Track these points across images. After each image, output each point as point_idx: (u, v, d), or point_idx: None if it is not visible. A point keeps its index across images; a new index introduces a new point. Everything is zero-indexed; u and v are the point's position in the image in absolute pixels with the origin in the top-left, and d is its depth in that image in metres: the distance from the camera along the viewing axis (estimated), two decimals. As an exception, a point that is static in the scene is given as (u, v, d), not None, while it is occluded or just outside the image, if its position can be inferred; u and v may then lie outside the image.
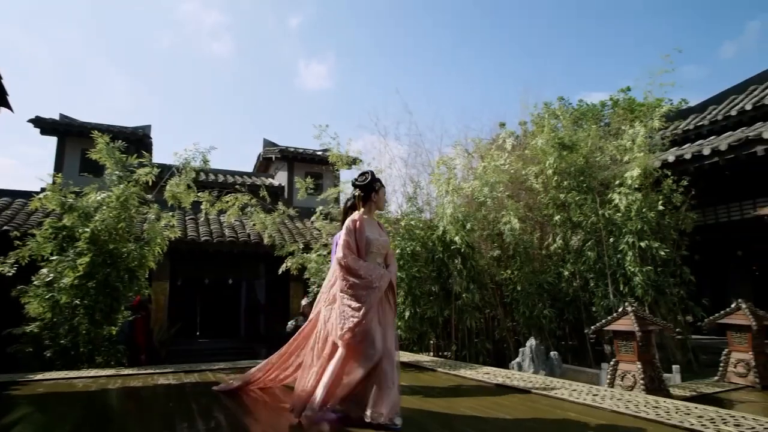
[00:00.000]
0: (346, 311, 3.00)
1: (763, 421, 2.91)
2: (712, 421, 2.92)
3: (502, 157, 8.25)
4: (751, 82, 11.55)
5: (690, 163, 8.80)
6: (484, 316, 8.97)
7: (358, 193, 3.39)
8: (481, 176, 8.12)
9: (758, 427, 2.78)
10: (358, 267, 3.10)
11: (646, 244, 7.85)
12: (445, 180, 8.22)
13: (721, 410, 3.14)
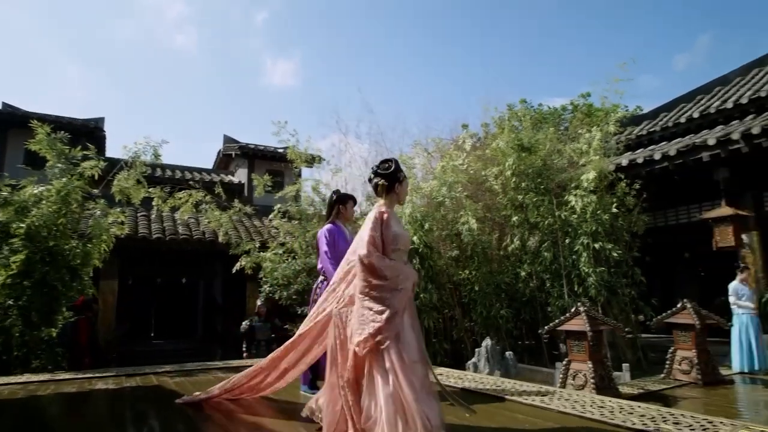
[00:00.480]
0: (366, 315, 2.56)
1: (699, 418, 2.97)
2: (653, 420, 2.94)
3: (461, 157, 8.26)
4: (699, 91, 12.02)
5: (642, 167, 9.06)
6: (442, 317, 8.98)
7: (381, 182, 2.92)
8: (439, 176, 8.11)
9: (695, 425, 2.82)
10: (383, 267, 2.67)
11: (600, 246, 8.02)
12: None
13: (662, 409, 3.18)
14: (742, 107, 9.65)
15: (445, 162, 8.25)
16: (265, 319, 8.84)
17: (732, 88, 11.20)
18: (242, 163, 17.80)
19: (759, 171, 8.64)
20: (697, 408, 5.21)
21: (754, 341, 7.31)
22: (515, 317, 8.74)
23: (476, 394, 4.05)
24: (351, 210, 4.26)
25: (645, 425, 2.83)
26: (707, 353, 6.63)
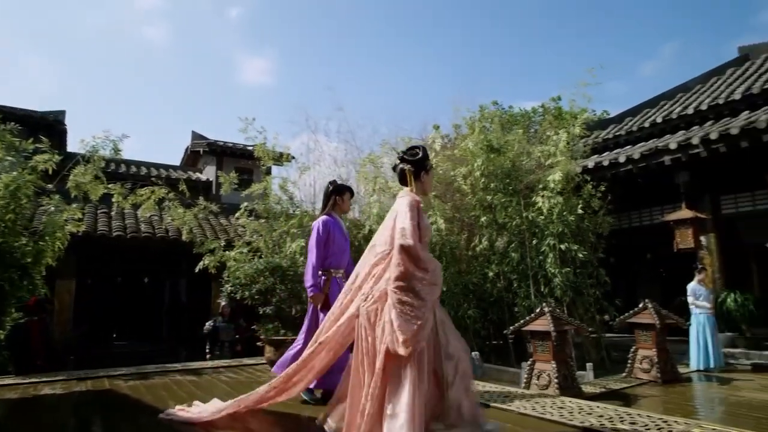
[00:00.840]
0: (406, 311, 2.30)
1: (655, 417, 2.98)
2: (610, 420, 2.95)
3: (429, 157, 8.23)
4: (663, 97, 12.35)
5: (607, 170, 9.22)
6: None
7: (408, 168, 2.75)
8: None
9: (650, 424, 2.83)
10: (426, 258, 2.45)
11: (566, 246, 8.11)
12: (372, 178, 8.09)
13: (620, 408, 3.19)
14: (701, 113, 9.93)
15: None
16: (229, 320, 8.65)
17: (693, 95, 11.54)
18: (210, 160, 17.45)
19: (716, 175, 8.90)
20: (655, 406, 5.30)
21: (710, 340, 7.51)
22: (483, 317, 8.77)
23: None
24: (348, 202, 4.11)
25: (602, 425, 2.83)
26: (666, 352, 6.77)
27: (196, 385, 4.69)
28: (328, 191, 3.99)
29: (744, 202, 8.89)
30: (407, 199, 2.57)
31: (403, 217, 2.47)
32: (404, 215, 2.48)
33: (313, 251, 3.75)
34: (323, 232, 3.77)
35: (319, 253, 3.71)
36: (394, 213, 2.58)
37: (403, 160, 2.79)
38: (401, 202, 2.57)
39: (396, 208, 2.60)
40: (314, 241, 3.75)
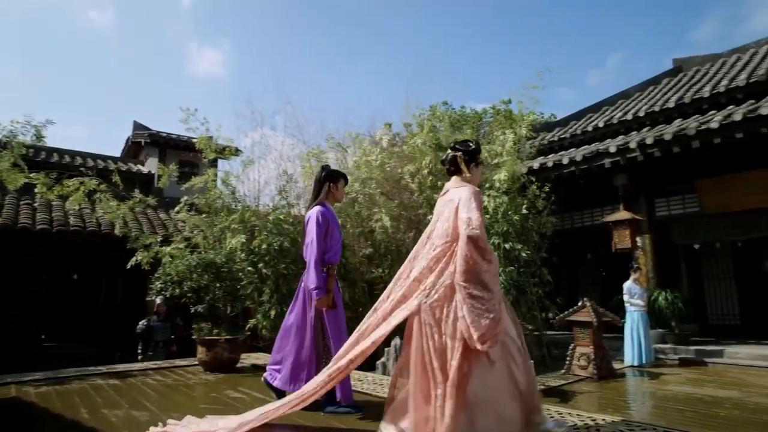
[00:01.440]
0: (476, 305, 2.20)
1: (584, 416, 2.97)
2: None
3: (375, 153, 8.10)
4: (605, 103, 12.80)
5: (551, 171, 9.42)
6: (357, 315, 8.81)
7: (462, 156, 2.65)
8: (352, 171, 7.91)
9: (579, 424, 2.81)
10: (489, 248, 2.35)
11: (510, 246, 8.19)
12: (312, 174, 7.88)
13: (552, 408, 3.15)
14: (639, 119, 10.33)
15: (358, 157, 8.06)
16: (164, 319, 8.20)
17: (632, 102, 12.00)
18: (153, 152, 16.65)
19: (652, 179, 9.28)
20: (591, 401, 5.41)
21: (643, 337, 7.80)
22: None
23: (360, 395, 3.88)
24: (342, 190, 3.74)
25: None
26: (603, 349, 6.97)
27: (117, 390, 4.35)
28: (321, 177, 3.56)
29: (675, 205, 9.31)
30: (468, 189, 2.47)
31: (468, 207, 2.37)
32: (468, 205, 2.38)
33: (313, 246, 3.27)
34: (323, 223, 3.34)
35: (320, 247, 3.28)
36: (452, 203, 2.45)
37: (456, 149, 2.70)
38: (462, 192, 2.45)
39: (453, 198, 2.48)
40: (314, 234, 3.28)
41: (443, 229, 2.46)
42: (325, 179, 3.55)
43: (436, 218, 2.57)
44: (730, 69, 10.90)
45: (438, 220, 2.54)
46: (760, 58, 10.65)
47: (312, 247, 3.27)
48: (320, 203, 3.44)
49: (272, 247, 7.82)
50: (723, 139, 7.42)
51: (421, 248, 2.56)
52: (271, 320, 7.82)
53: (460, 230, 2.33)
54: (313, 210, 3.38)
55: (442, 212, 2.53)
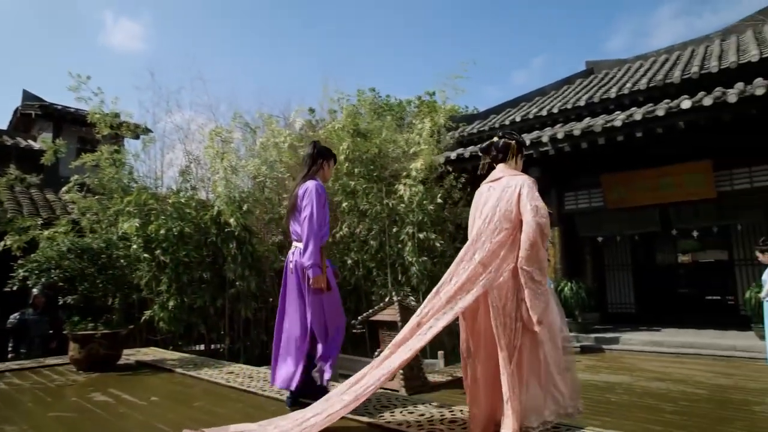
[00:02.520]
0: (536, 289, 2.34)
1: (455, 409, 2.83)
2: (430, 421, 2.72)
3: (283, 134, 7.65)
4: (523, 99, 13.16)
5: (469, 162, 9.44)
6: (267, 306, 8.39)
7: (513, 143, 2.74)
8: (259, 154, 7.43)
9: (449, 416, 2.65)
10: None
11: (424, 235, 8.12)
12: (220, 155, 7.31)
13: (444, 409, 2.97)
14: (553, 116, 10.65)
15: (265, 138, 7.56)
16: (42, 312, 7.30)
17: (548, 99, 12.40)
18: (47, 126, 14.98)
19: (562, 173, 9.59)
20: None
21: (548, 326, 8.04)
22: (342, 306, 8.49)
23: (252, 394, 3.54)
24: (331, 170, 3.54)
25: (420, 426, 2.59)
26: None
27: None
28: (314, 153, 3.34)
29: (582, 199, 9.70)
30: (527, 177, 2.54)
31: (533, 195, 2.45)
32: (532, 194, 2.45)
33: (313, 219, 2.99)
34: (323, 194, 3.12)
35: (319, 219, 3.01)
36: (511, 189, 2.49)
37: (510, 138, 2.76)
38: (521, 180, 2.51)
39: (511, 185, 2.52)
40: (314, 205, 3.00)
41: (506, 214, 2.48)
42: (318, 155, 3.35)
43: (495, 202, 2.53)
44: (634, 74, 11.54)
45: (497, 204, 2.51)
46: (659, 66, 11.36)
47: (312, 221, 2.98)
48: (313, 178, 3.21)
49: (171, 233, 7.18)
50: (625, 137, 7.75)
51: (484, 229, 2.51)
52: (170, 311, 7.22)
53: (528, 217, 2.38)
54: (310, 182, 3.13)
55: (501, 197, 2.52)
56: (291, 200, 3.21)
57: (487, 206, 2.56)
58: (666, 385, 5.53)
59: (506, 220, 2.47)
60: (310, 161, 3.31)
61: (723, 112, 6.97)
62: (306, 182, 3.16)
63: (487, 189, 2.67)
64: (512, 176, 2.60)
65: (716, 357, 7.31)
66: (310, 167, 3.29)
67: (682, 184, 8.33)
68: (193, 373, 4.35)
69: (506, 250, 2.45)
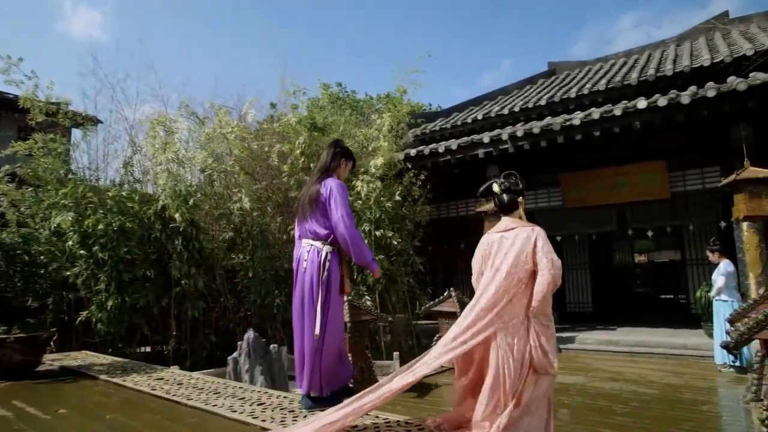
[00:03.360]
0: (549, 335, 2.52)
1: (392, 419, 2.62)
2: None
3: (231, 125, 7.25)
4: (486, 97, 13.13)
5: (428, 159, 9.29)
6: (219, 305, 8.00)
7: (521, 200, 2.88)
8: (205, 145, 7.03)
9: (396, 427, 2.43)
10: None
11: (381, 233, 7.90)
12: (162, 145, 6.87)
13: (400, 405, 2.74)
14: (514, 114, 10.62)
15: (212, 129, 7.15)
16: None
17: (510, 98, 12.39)
18: (-17, 113, 14.05)
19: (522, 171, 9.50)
20: (442, 395, 5.22)
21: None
22: (295, 306, 8.18)
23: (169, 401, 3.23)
24: (347, 171, 3.40)
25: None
26: (465, 339, 6.94)
27: None
28: (336, 151, 3.25)
29: (542, 198, 9.69)
30: (540, 229, 2.67)
31: (548, 247, 2.57)
32: (547, 245, 2.58)
33: (349, 218, 2.98)
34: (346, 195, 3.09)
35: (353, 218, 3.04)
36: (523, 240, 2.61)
37: (509, 191, 2.84)
38: (535, 233, 2.63)
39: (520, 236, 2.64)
40: (344, 205, 2.98)
41: (522, 265, 2.57)
42: (340, 154, 3.27)
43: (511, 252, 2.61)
44: (594, 75, 11.66)
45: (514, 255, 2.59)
46: (618, 68, 11.51)
47: (348, 219, 2.95)
48: (331, 176, 3.15)
49: (111, 228, 6.72)
50: (583, 135, 7.74)
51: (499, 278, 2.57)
52: (108, 312, 6.75)
53: (544, 271, 2.50)
54: (331, 181, 3.07)
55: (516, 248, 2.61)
56: (309, 196, 3.07)
57: (500, 255, 2.65)
58: (619, 385, 5.48)
59: (523, 271, 2.56)
60: (331, 158, 3.22)
61: (677, 113, 7.02)
62: (326, 180, 3.07)
63: (498, 238, 2.74)
64: (524, 227, 2.70)
65: (668, 356, 7.38)
66: (329, 163, 3.20)
67: (638, 183, 8.40)
68: (118, 380, 3.98)
69: (519, 299, 2.56)
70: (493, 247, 2.73)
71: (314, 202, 3.01)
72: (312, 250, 2.95)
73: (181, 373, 4.38)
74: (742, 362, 5.85)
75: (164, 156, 6.60)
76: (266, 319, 7.92)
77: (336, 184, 3.03)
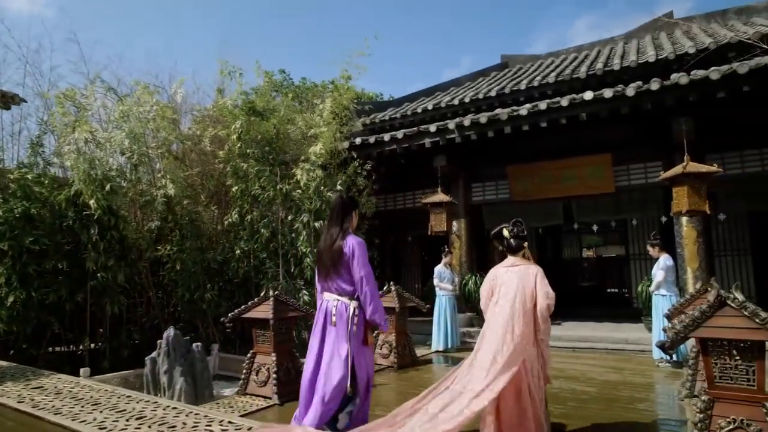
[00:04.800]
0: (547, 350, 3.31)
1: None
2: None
3: (149, 103, 6.61)
4: (438, 88, 12.90)
5: (374, 148, 8.93)
6: (147, 300, 7.40)
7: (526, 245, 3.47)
8: (121, 125, 6.38)
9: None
10: None
11: (320, 224, 7.48)
12: (72, 123, 6.18)
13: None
14: (465, 105, 10.41)
15: (127, 107, 6.47)
16: None
17: (462, 89, 12.20)
18: None
19: (470, 163, 9.34)
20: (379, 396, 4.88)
21: (450, 321, 7.71)
22: (229, 300, 7.66)
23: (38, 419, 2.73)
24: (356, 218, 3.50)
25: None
26: (405, 335, 6.61)
27: None
28: (345, 204, 3.33)
29: (490, 190, 9.51)
30: (538, 268, 3.31)
31: (544, 282, 3.22)
32: (543, 281, 3.23)
33: (373, 278, 3.20)
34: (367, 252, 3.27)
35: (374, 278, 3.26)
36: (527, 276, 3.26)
37: (517, 237, 3.43)
38: (534, 270, 3.27)
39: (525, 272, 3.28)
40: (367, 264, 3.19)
41: (528, 295, 3.21)
42: (351, 207, 3.37)
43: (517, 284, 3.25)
44: (546, 69, 11.60)
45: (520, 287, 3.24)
46: (569, 62, 11.50)
47: (370, 278, 3.19)
48: (349, 233, 3.28)
49: (12, 215, 6.01)
50: (530, 126, 7.57)
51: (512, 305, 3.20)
52: (9, 309, 6.06)
53: (541, 301, 3.17)
54: (352, 239, 3.22)
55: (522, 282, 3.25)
56: (331, 254, 3.21)
57: (507, 286, 3.29)
58: (559, 383, 5.29)
59: (529, 300, 3.20)
60: (342, 213, 3.29)
61: (622, 105, 6.95)
62: (347, 238, 3.21)
63: (505, 271, 3.39)
64: (527, 265, 3.35)
65: (610, 351, 7.34)
66: (343, 220, 3.28)
67: (584, 176, 8.33)
68: (-12, 389, 3.42)
69: (529, 321, 3.17)
70: (501, 279, 3.37)
71: (338, 260, 3.17)
72: (339, 305, 3.18)
73: (69, 379, 3.85)
74: (679, 357, 5.82)
75: (74, 135, 5.92)
76: (197, 315, 7.39)
77: (357, 243, 3.18)
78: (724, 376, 2.82)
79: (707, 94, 6.50)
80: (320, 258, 3.31)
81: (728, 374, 2.82)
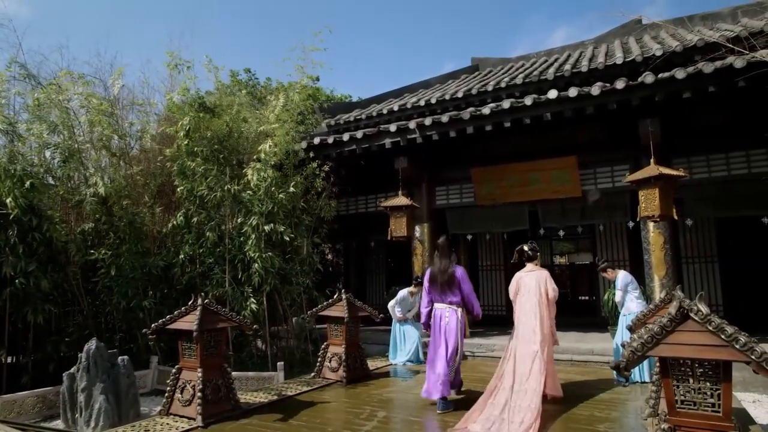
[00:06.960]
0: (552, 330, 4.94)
1: None
2: None
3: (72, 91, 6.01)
4: (406, 89, 12.57)
5: (333, 148, 8.50)
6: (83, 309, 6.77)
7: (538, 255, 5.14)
8: (40, 114, 5.80)
9: None
10: None
11: (271, 228, 6.99)
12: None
13: None
14: (431, 106, 10.08)
15: (44, 94, 5.86)
16: None
17: (430, 91, 11.88)
18: None
19: (433, 165, 8.98)
20: (309, 417, 4.40)
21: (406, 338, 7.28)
22: (171, 309, 7.09)
23: None
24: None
25: None
26: (357, 347, 6.14)
27: None
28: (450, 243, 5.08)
29: (454, 194, 9.15)
30: (547, 272, 4.96)
31: (551, 281, 4.85)
32: (551, 280, 4.86)
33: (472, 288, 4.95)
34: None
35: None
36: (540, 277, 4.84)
37: (534, 250, 5.04)
38: (545, 274, 4.90)
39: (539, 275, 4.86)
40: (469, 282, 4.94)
41: (543, 292, 4.77)
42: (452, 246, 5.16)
43: (536, 284, 4.80)
44: (516, 71, 11.36)
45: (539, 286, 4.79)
46: (539, 65, 11.30)
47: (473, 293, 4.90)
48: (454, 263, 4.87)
49: None
50: (493, 126, 7.26)
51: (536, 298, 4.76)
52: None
53: (551, 294, 4.79)
54: (459, 268, 4.86)
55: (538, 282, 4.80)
56: (446, 277, 4.78)
57: (530, 286, 4.81)
58: (516, 398, 4.90)
59: (543, 293, 4.74)
60: (449, 250, 4.93)
61: (586, 104, 6.69)
62: (456, 267, 4.82)
63: (525, 274, 4.91)
64: (540, 270, 4.92)
65: (574, 362, 7.03)
66: (450, 254, 4.89)
67: (550, 180, 8.04)
68: None
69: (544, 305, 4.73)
70: (524, 280, 4.87)
71: (452, 282, 4.75)
72: (451, 312, 4.75)
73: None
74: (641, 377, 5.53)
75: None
76: (135, 324, 6.78)
77: (462, 270, 4.83)
78: (687, 400, 2.45)
79: (673, 94, 6.28)
80: (435, 280, 4.82)
81: (691, 398, 2.45)
